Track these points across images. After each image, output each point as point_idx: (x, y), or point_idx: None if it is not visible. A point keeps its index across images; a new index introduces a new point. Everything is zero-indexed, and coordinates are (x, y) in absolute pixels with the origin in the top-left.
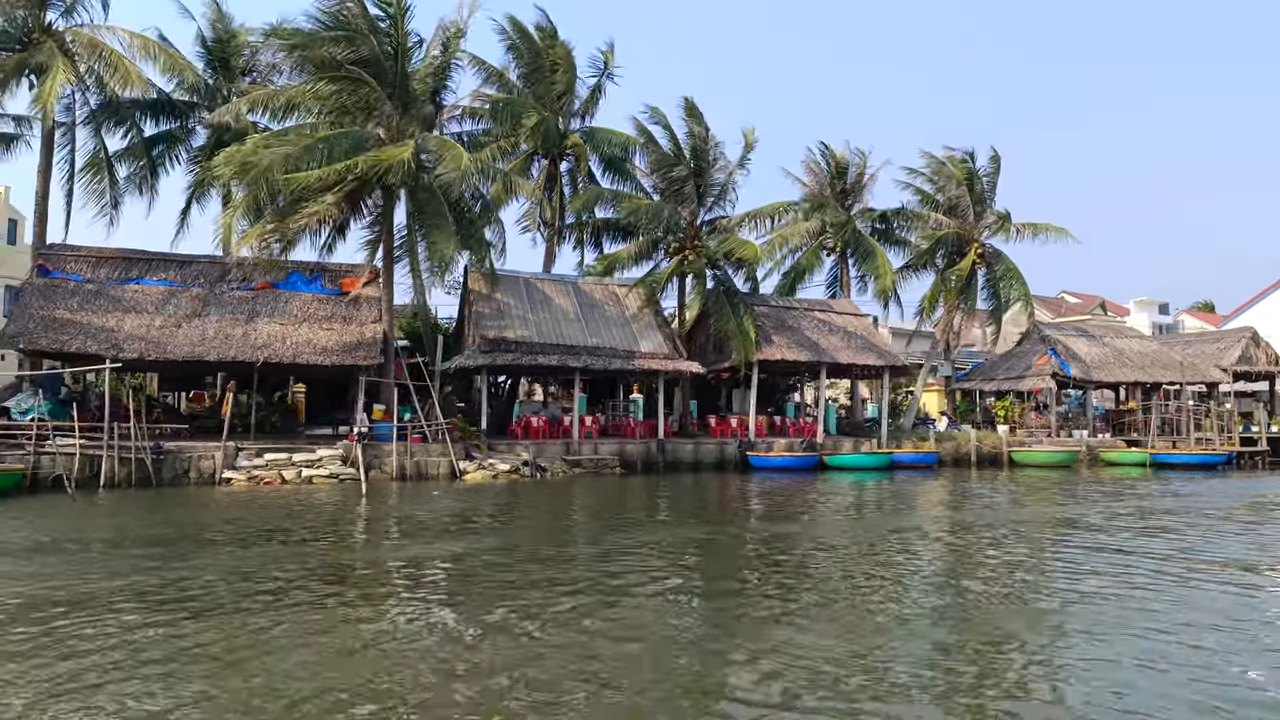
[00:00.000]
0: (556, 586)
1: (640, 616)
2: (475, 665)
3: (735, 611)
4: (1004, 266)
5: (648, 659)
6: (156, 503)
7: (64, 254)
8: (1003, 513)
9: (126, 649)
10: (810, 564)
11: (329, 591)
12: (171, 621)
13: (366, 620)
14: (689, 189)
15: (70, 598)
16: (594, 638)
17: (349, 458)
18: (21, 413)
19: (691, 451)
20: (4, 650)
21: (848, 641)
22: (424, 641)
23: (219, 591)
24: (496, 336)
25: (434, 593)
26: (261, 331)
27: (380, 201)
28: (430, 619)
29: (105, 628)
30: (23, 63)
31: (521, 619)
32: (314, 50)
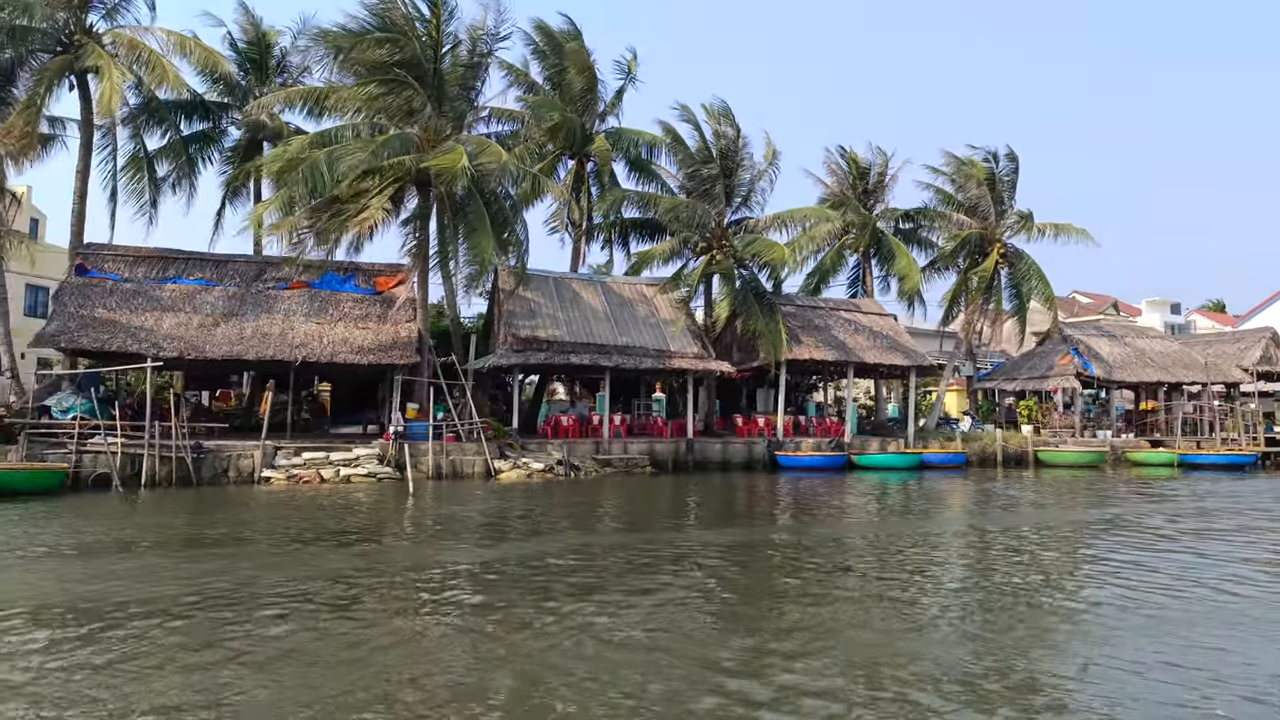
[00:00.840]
0: (629, 590)
1: (711, 625)
2: (592, 673)
3: (796, 617)
4: (1026, 266)
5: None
6: (202, 502)
7: (102, 253)
8: (1053, 513)
9: (223, 648)
10: (866, 568)
11: (412, 596)
12: (262, 622)
13: (458, 623)
14: (718, 189)
15: (149, 599)
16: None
17: (386, 457)
18: (62, 411)
19: (720, 451)
20: (139, 665)
21: (907, 643)
22: (534, 644)
23: (307, 593)
24: (529, 336)
25: (526, 594)
26: (298, 330)
27: (416, 202)
28: (528, 621)
29: (194, 630)
30: (66, 64)
31: (611, 624)
32: (361, 52)
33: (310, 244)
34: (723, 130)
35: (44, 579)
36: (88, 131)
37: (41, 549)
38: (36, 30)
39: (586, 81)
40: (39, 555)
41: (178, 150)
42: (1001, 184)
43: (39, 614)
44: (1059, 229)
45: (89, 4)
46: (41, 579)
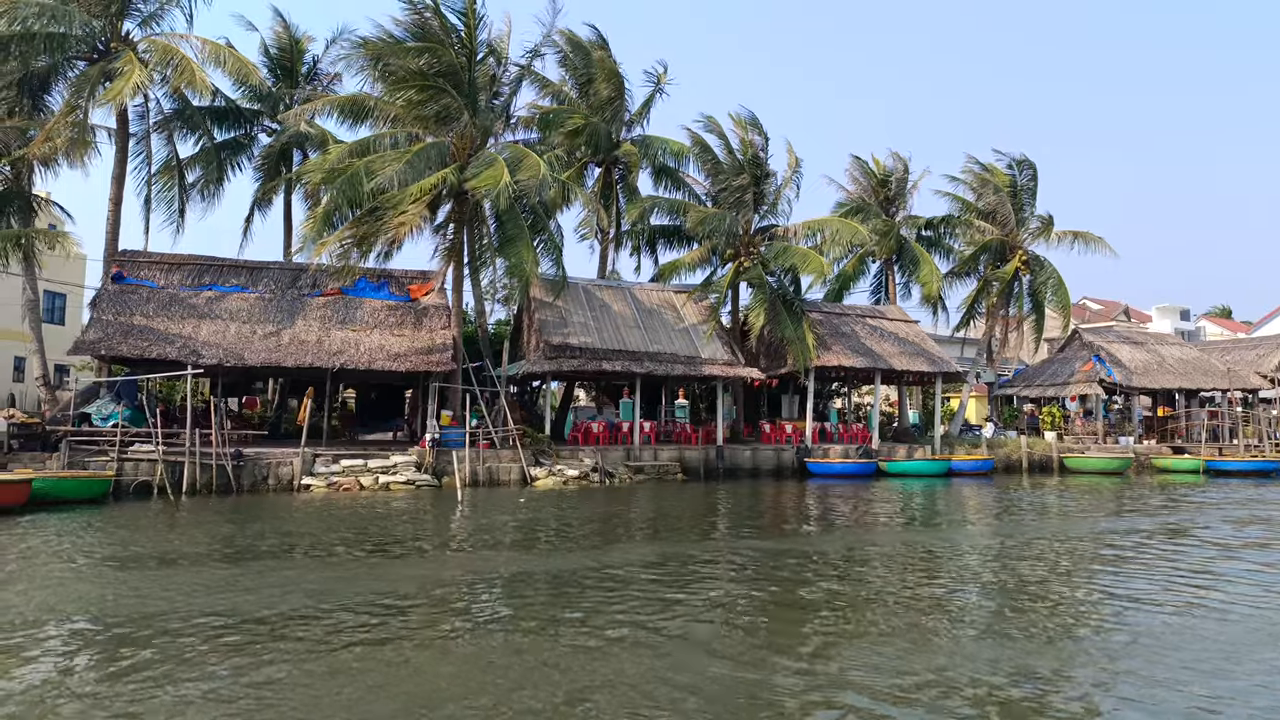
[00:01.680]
0: (713, 604)
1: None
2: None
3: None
4: (1047, 273)
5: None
6: (247, 510)
7: (137, 260)
8: (1110, 523)
9: (296, 665)
10: (948, 581)
11: (504, 609)
12: (345, 646)
13: (563, 637)
14: (747, 196)
15: (231, 611)
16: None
17: (423, 464)
18: (103, 418)
19: (749, 458)
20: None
21: (945, 659)
22: (645, 662)
23: (394, 606)
24: (561, 343)
25: (616, 606)
26: (334, 337)
27: (450, 206)
28: (639, 639)
29: (269, 649)
30: (104, 71)
31: (714, 636)
32: (400, 61)
33: (354, 252)
34: (750, 139)
35: (118, 590)
36: (122, 138)
37: (106, 558)
38: (73, 37)
39: (613, 89)
40: (109, 565)
41: (210, 157)
42: (1022, 191)
43: (125, 628)
44: (1077, 236)
45: (125, 12)
46: (115, 590)
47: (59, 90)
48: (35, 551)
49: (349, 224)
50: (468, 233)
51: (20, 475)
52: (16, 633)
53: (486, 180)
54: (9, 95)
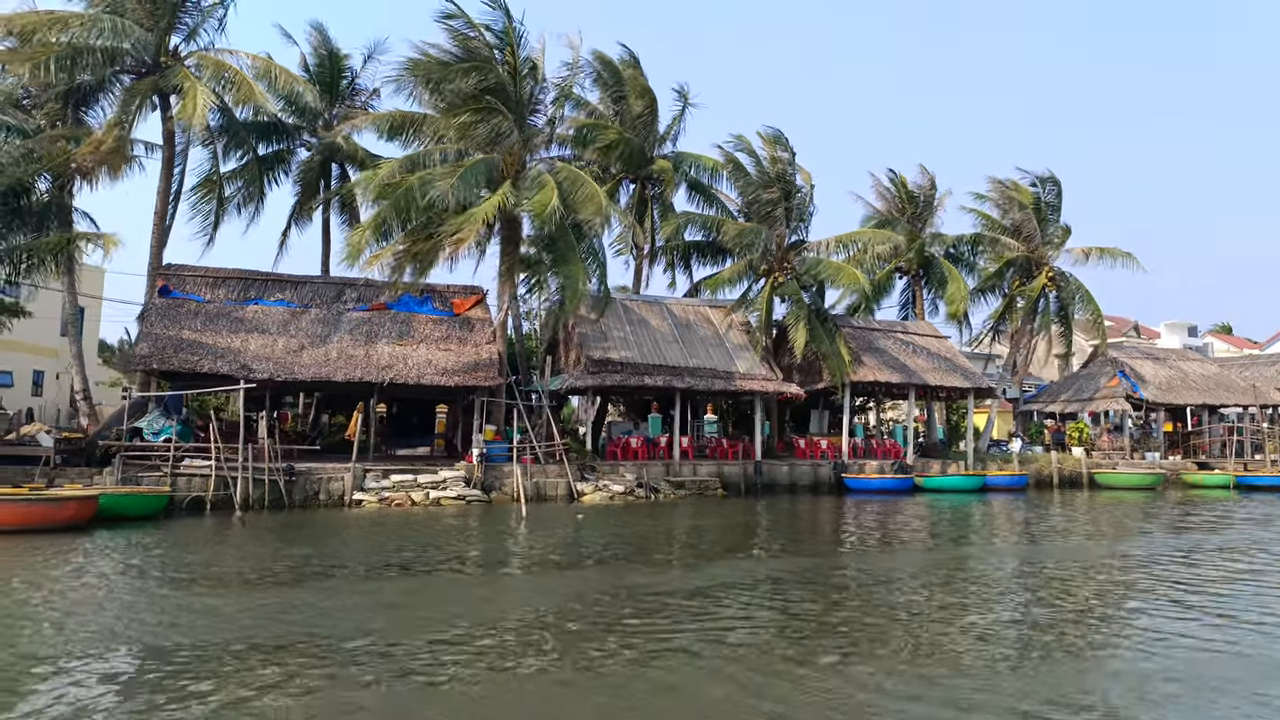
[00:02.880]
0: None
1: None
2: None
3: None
4: (1073, 289)
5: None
6: (306, 526)
7: (183, 274)
8: (1169, 540)
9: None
10: (1032, 600)
11: (607, 627)
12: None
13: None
14: (778, 211)
15: (334, 635)
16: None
17: (471, 479)
18: (154, 433)
19: (786, 473)
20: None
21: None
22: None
23: (507, 627)
24: (602, 357)
25: (722, 629)
26: (382, 352)
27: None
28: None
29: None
30: (154, 86)
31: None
32: (452, 80)
33: (408, 268)
34: (778, 155)
35: (216, 613)
36: (169, 152)
37: (193, 578)
38: (123, 51)
39: (645, 105)
40: (198, 585)
41: (252, 172)
42: (1046, 207)
43: (238, 647)
44: (1104, 252)
45: (173, 26)
46: (212, 613)
47: (100, 104)
48: (119, 569)
49: (401, 238)
50: (515, 250)
51: (88, 491)
52: (117, 655)
53: (537, 205)
54: (53, 108)
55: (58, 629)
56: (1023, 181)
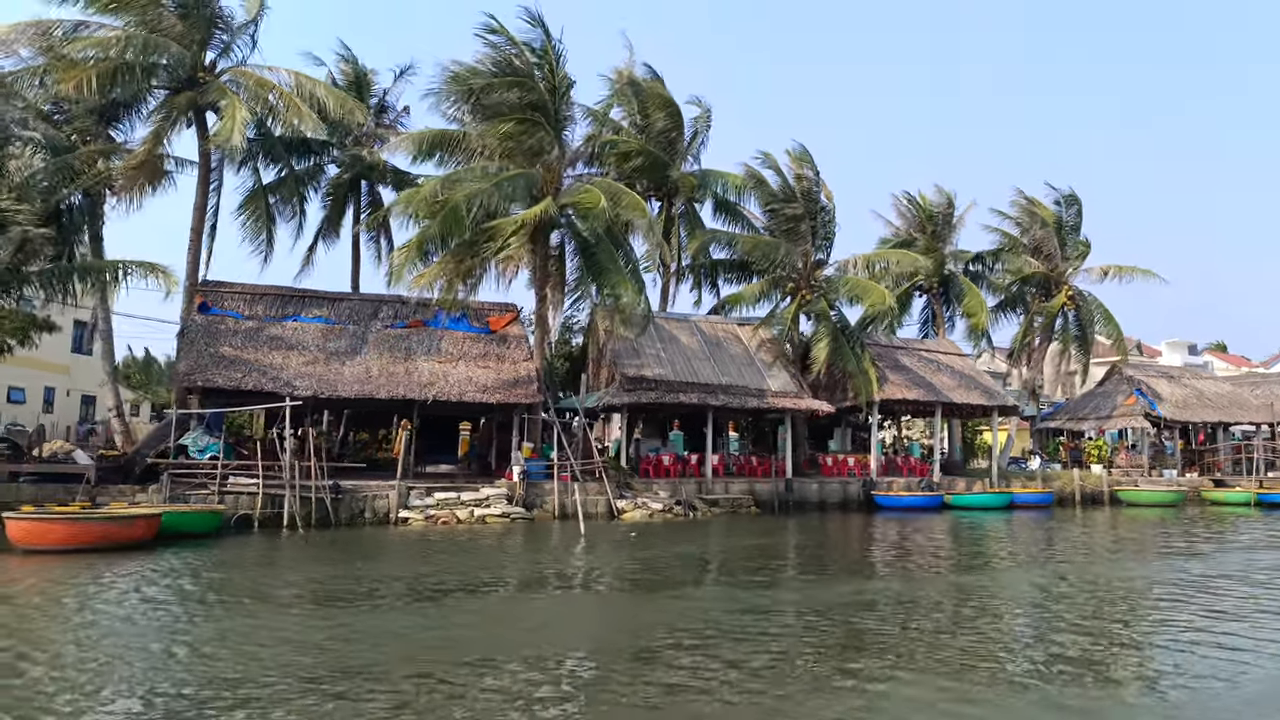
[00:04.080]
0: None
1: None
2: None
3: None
4: (1092, 307)
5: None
6: (360, 545)
7: (220, 290)
8: (1231, 559)
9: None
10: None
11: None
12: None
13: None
14: (804, 228)
15: (438, 662)
16: None
17: (514, 496)
18: (199, 450)
19: (816, 491)
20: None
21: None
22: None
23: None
24: (636, 374)
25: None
26: (422, 369)
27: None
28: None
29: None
30: (192, 101)
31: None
32: (497, 95)
33: (457, 286)
34: (803, 173)
35: (357, 634)
36: (204, 168)
37: (285, 601)
38: (159, 66)
39: (669, 121)
40: (295, 606)
41: (290, 187)
42: (1067, 226)
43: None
44: (1122, 270)
45: (208, 42)
46: (354, 635)
47: (127, 120)
48: (218, 586)
49: (446, 256)
50: (556, 265)
51: (154, 510)
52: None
53: (588, 200)
54: (84, 123)
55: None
56: (1046, 199)
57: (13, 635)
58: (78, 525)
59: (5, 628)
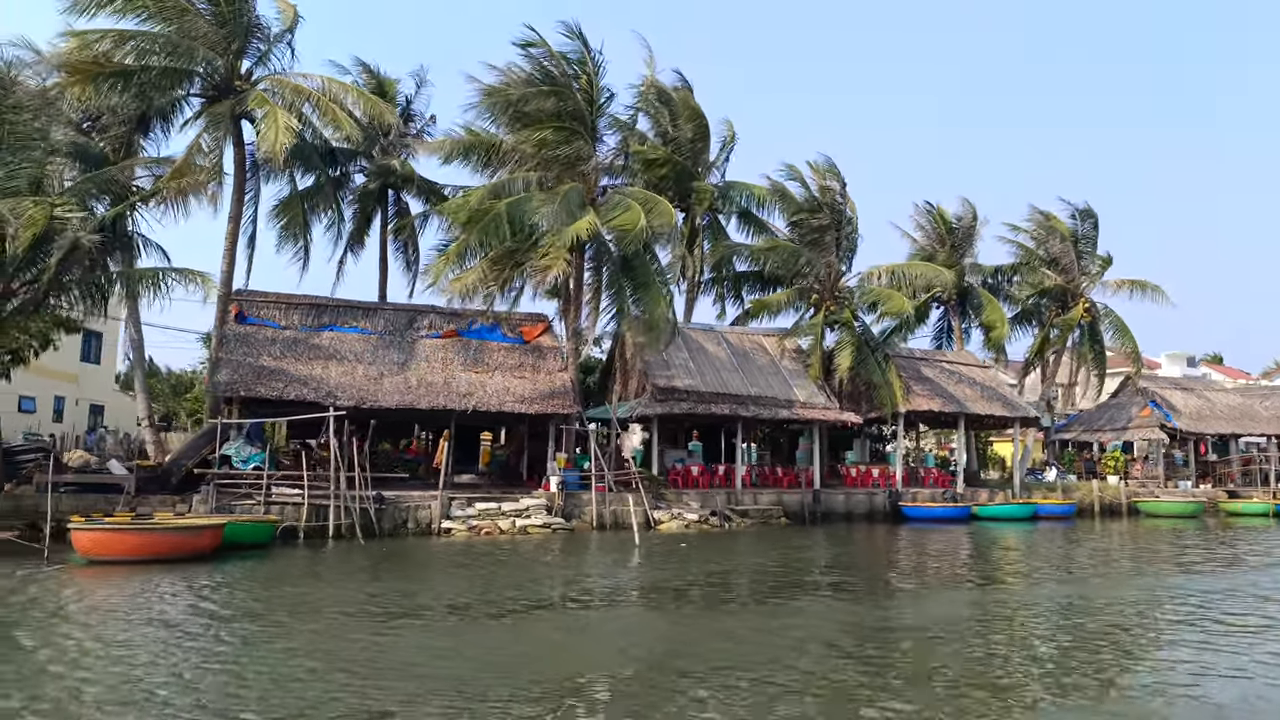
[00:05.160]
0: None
1: None
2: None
3: None
4: (1110, 321)
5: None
6: (415, 556)
7: (255, 299)
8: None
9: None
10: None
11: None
12: None
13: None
14: (829, 239)
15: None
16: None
17: (553, 507)
18: (242, 460)
19: (843, 501)
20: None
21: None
22: None
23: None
24: (667, 385)
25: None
26: (460, 379)
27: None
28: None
29: None
30: (232, 109)
31: None
32: (536, 104)
33: (495, 295)
34: (828, 184)
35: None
36: (240, 177)
37: (399, 608)
38: (196, 74)
39: (696, 132)
40: (395, 618)
41: (327, 195)
42: (1083, 239)
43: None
44: (1135, 285)
45: (244, 50)
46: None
47: (161, 129)
48: (325, 602)
49: (486, 265)
50: (592, 275)
51: (218, 520)
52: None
53: (626, 221)
54: (119, 133)
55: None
56: (1062, 213)
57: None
58: (148, 536)
59: (125, 643)
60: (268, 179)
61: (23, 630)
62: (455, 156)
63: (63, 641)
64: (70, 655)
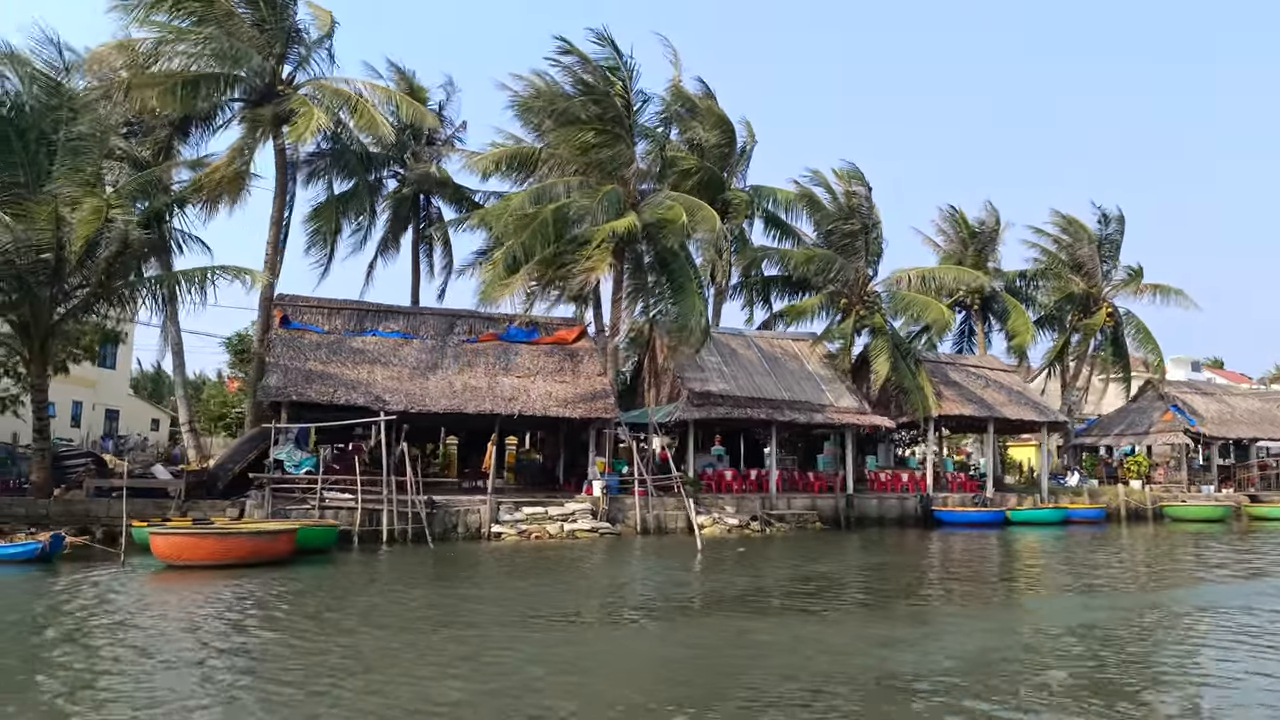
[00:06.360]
0: None
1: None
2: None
3: None
4: (1133, 326)
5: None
6: (477, 560)
7: (298, 304)
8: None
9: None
10: None
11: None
12: None
13: None
14: (858, 244)
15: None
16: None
17: (598, 511)
18: (294, 465)
19: (875, 506)
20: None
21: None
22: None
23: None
24: (703, 390)
25: None
26: (503, 384)
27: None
28: None
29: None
30: (274, 114)
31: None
32: (572, 110)
33: (536, 298)
34: (854, 189)
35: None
36: (281, 179)
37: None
38: (239, 78)
39: (723, 137)
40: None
41: (362, 199)
42: (1107, 244)
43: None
44: (1158, 289)
45: (285, 56)
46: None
47: (200, 133)
48: (425, 604)
49: (532, 269)
50: (631, 278)
51: (291, 525)
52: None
53: (670, 216)
54: (159, 136)
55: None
56: (1087, 217)
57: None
58: (228, 540)
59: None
60: (307, 183)
61: (156, 636)
62: (498, 169)
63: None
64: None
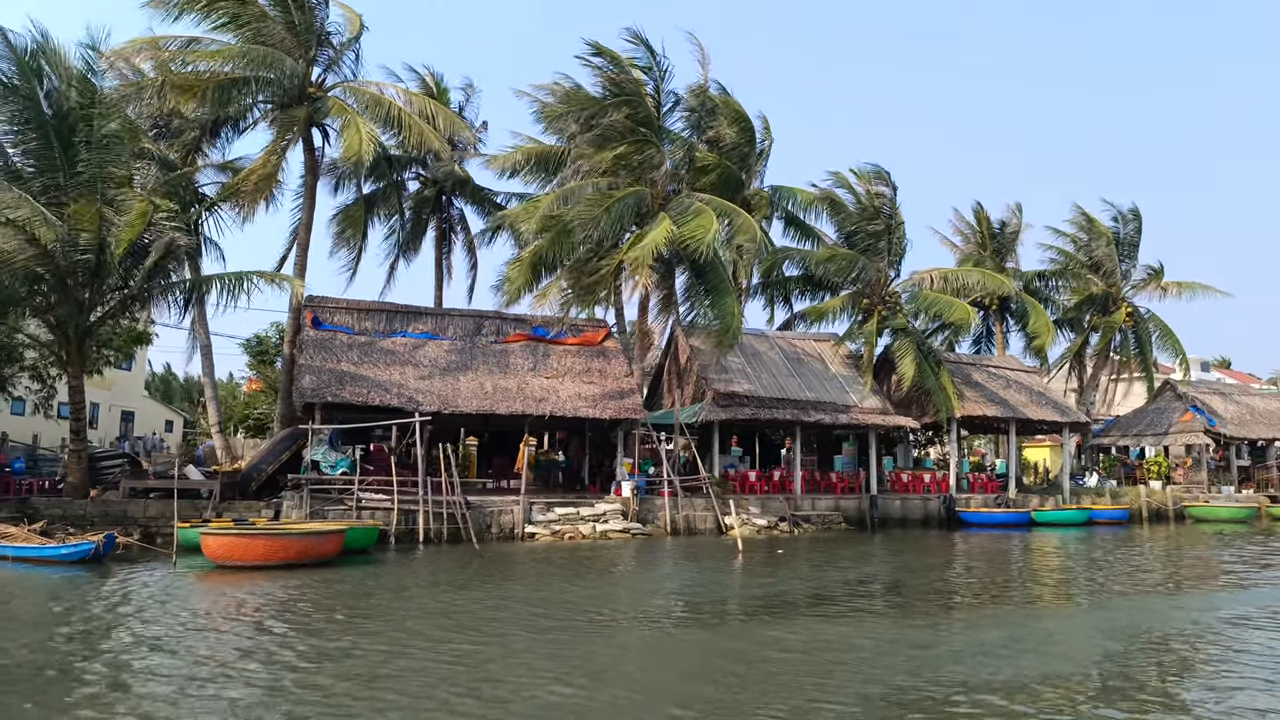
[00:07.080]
0: None
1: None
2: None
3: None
4: (1153, 325)
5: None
6: (516, 560)
7: (328, 305)
8: None
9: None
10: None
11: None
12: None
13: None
14: (881, 244)
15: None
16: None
17: (628, 511)
18: (330, 466)
19: (899, 507)
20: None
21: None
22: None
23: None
24: (727, 390)
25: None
26: (533, 385)
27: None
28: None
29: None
30: (306, 117)
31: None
32: (603, 115)
33: (573, 303)
34: (877, 190)
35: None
36: (311, 182)
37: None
38: (270, 81)
39: (742, 136)
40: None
41: (393, 202)
42: (1125, 243)
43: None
44: (1183, 287)
45: (316, 58)
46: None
47: (228, 136)
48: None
49: (563, 272)
50: (665, 282)
51: (339, 525)
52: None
53: (699, 229)
54: (188, 139)
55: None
56: (1103, 215)
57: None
58: (279, 541)
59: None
60: (335, 188)
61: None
62: (526, 164)
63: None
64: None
